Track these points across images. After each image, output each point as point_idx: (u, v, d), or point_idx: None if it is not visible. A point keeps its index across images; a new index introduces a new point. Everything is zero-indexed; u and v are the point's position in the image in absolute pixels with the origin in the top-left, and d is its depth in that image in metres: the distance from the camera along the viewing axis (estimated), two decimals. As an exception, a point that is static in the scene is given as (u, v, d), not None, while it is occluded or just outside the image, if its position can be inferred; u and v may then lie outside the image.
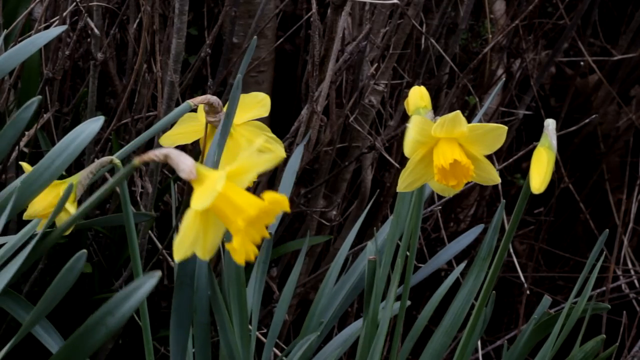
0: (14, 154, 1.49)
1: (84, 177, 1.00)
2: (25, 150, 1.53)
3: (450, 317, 1.18)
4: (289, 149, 1.51)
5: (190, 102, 1.08)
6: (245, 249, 0.84)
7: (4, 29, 1.54)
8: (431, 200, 1.76)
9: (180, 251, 0.84)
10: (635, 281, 1.98)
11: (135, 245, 0.97)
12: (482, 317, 1.17)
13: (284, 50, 1.87)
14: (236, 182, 0.85)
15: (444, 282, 1.25)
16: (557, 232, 2.18)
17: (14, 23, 1.52)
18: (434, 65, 1.74)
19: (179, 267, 1.06)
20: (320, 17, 1.53)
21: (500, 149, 1.23)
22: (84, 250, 0.92)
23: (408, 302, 1.17)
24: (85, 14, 1.46)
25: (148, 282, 0.87)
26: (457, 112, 0.99)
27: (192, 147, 1.36)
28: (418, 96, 1.06)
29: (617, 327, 1.78)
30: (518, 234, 2.12)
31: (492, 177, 1.04)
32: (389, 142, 1.70)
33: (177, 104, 1.44)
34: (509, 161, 1.66)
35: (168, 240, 1.47)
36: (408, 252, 1.13)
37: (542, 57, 2.02)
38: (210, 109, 1.11)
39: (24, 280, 1.46)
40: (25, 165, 1.05)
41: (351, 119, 1.63)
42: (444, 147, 1.00)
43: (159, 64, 1.46)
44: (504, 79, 1.76)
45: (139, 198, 1.50)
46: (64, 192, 0.95)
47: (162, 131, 1.15)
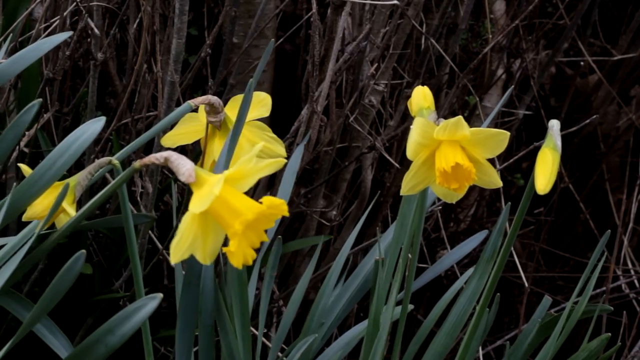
0: (14, 154, 1.49)
1: (82, 178, 1.00)
2: (26, 150, 1.53)
3: (453, 319, 1.18)
4: (289, 149, 1.51)
5: (191, 102, 1.08)
6: (242, 252, 0.84)
7: (4, 29, 1.54)
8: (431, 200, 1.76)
9: (177, 253, 0.84)
10: (635, 281, 1.98)
11: (135, 246, 0.97)
12: (484, 319, 1.16)
13: (284, 50, 1.87)
14: (236, 186, 0.85)
15: (451, 287, 1.24)
16: (557, 232, 2.18)
17: (14, 23, 1.52)
18: (434, 65, 1.74)
19: (188, 267, 1.06)
20: (320, 17, 1.53)
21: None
22: (83, 251, 0.92)
23: (411, 306, 1.16)
24: (86, 14, 1.46)
25: (150, 303, 0.89)
26: (459, 117, 0.98)
27: (192, 147, 1.36)
28: (421, 97, 1.05)
29: (617, 327, 1.78)
30: (518, 234, 2.12)
31: (494, 180, 1.03)
32: (389, 142, 1.70)
33: (178, 104, 1.45)
34: (509, 161, 1.66)
35: (168, 240, 1.47)
36: (409, 254, 1.13)
37: (542, 57, 2.02)
38: (211, 110, 1.11)
39: (24, 280, 1.46)
40: (24, 167, 1.05)
41: (351, 119, 1.63)
42: (446, 150, 1.00)
43: (159, 64, 1.46)
44: (504, 78, 1.76)
45: (139, 198, 1.50)
46: (60, 191, 0.95)
47: (163, 131, 1.15)
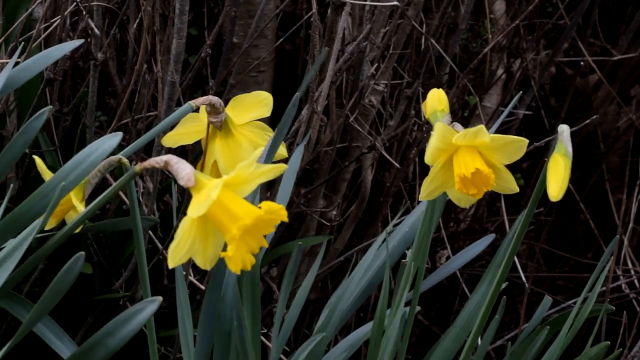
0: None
1: (92, 177, 1.00)
2: (26, 150, 1.53)
3: (460, 323, 1.17)
4: (289, 149, 1.51)
5: (193, 102, 1.08)
6: (241, 257, 0.84)
7: (4, 29, 1.54)
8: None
9: (175, 257, 0.84)
10: (635, 281, 1.98)
11: (142, 249, 0.96)
12: (494, 323, 1.16)
13: (284, 50, 1.87)
14: (236, 191, 0.85)
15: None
16: (557, 232, 2.18)
17: (15, 24, 1.52)
18: (434, 65, 1.74)
19: (213, 272, 1.06)
20: (320, 17, 1.53)
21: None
22: (82, 252, 0.93)
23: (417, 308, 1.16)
24: (86, 15, 1.46)
25: (149, 306, 0.89)
26: (481, 127, 0.98)
27: (192, 147, 1.36)
28: (436, 100, 1.05)
29: (617, 327, 1.78)
30: (518, 234, 2.11)
31: (511, 186, 1.03)
32: (389, 142, 1.70)
33: (178, 104, 1.45)
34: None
35: (168, 241, 1.47)
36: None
37: (542, 57, 2.02)
38: (212, 110, 1.11)
39: (24, 280, 1.46)
40: (39, 161, 1.05)
41: (351, 119, 1.63)
42: (465, 155, 0.99)
43: (160, 64, 1.46)
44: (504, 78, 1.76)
45: (141, 198, 1.50)
46: (56, 194, 0.95)
47: (164, 132, 1.15)
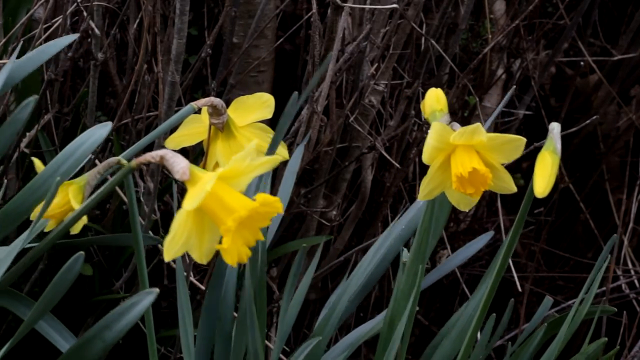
0: (15, 155, 1.49)
1: (91, 178, 1.00)
2: (26, 151, 1.53)
3: (460, 325, 1.17)
4: (289, 149, 1.51)
5: (194, 104, 1.07)
6: (236, 250, 0.84)
7: (5, 30, 1.54)
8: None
9: (170, 251, 0.84)
10: (635, 281, 1.99)
11: (142, 252, 0.96)
12: (490, 323, 1.16)
13: (284, 50, 1.87)
14: (232, 184, 0.85)
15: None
16: (557, 232, 2.18)
17: (17, 25, 1.52)
18: (434, 65, 1.74)
19: (215, 270, 1.06)
20: (320, 17, 1.53)
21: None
22: (82, 252, 0.93)
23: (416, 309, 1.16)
24: (87, 15, 1.46)
25: (146, 298, 0.89)
26: (478, 125, 0.98)
27: (193, 147, 1.36)
28: (434, 99, 1.05)
29: (617, 327, 1.78)
30: (518, 234, 2.11)
31: (509, 186, 1.03)
32: (389, 142, 1.70)
33: (178, 104, 1.45)
34: (509, 162, 1.65)
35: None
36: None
37: (542, 57, 2.02)
38: (214, 111, 1.11)
39: (24, 280, 1.46)
40: (38, 163, 1.05)
41: (351, 119, 1.63)
42: (462, 155, 0.99)
43: (160, 64, 1.46)
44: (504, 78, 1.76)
45: (141, 198, 1.50)
46: (51, 190, 0.95)
47: (164, 133, 1.15)
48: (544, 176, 0.94)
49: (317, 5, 1.50)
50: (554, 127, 0.97)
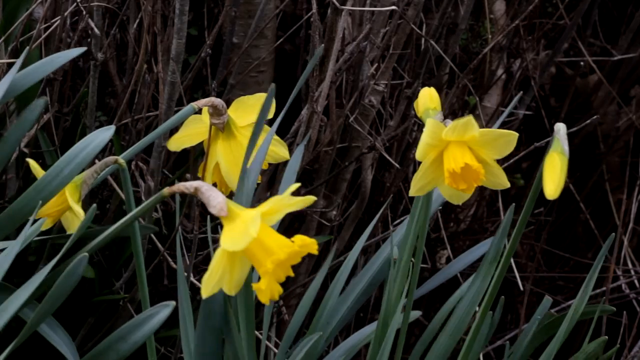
0: (15, 155, 1.49)
1: (88, 177, 1.00)
2: (26, 150, 1.53)
3: (455, 321, 1.17)
4: (289, 149, 1.51)
5: (195, 104, 1.08)
6: (270, 289, 0.84)
7: (4, 30, 1.54)
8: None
9: (207, 288, 0.84)
10: (635, 281, 1.98)
11: (140, 254, 0.96)
12: (487, 322, 1.16)
13: (284, 50, 1.87)
14: (266, 220, 0.85)
15: (456, 291, 1.24)
16: (557, 232, 2.18)
17: (15, 24, 1.52)
18: (434, 65, 1.74)
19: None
20: (320, 17, 1.53)
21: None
22: (85, 254, 0.92)
23: (419, 313, 1.15)
24: (86, 15, 1.46)
25: (162, 311, 0.89)
26: (470, 117, 0.98)
27: (193, 147, 1.36)
28: (428, 97, 1.05)
29: (617, 327, 1.78)
30: (518, 234, 2.11)
31: (502, 181, 1.03)
32: (389, 142, 1.70)
33: (178, 104, 1.45)
34: (509, 162, 1.66)
35: (170, 242, 1.47)
36: (413, 259, 1.13)
37: (542, 57, 2.02)
38: (215, 112, 1.11)
39: (24, 279, 1.46)
40: (33, 164, 1.05)
41: (351, 119, 1.63)
42: (454, 150, 0.99)
43: (160, 64, 1.46)
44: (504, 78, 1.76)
45: (142, 198, 1.50)
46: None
47: (164, 133, 1.15)
48: (553, 178, 0.94)
49: (317, 5, 1.50)
50: (560, 128, 0.97)
